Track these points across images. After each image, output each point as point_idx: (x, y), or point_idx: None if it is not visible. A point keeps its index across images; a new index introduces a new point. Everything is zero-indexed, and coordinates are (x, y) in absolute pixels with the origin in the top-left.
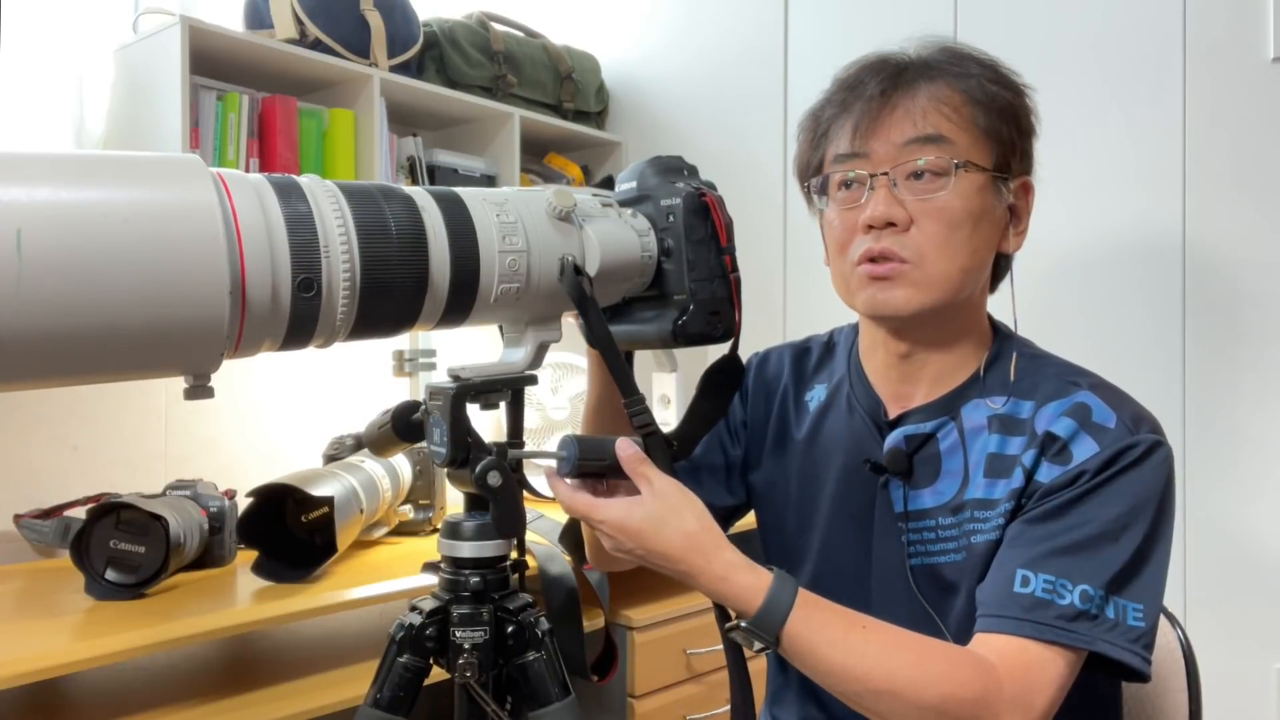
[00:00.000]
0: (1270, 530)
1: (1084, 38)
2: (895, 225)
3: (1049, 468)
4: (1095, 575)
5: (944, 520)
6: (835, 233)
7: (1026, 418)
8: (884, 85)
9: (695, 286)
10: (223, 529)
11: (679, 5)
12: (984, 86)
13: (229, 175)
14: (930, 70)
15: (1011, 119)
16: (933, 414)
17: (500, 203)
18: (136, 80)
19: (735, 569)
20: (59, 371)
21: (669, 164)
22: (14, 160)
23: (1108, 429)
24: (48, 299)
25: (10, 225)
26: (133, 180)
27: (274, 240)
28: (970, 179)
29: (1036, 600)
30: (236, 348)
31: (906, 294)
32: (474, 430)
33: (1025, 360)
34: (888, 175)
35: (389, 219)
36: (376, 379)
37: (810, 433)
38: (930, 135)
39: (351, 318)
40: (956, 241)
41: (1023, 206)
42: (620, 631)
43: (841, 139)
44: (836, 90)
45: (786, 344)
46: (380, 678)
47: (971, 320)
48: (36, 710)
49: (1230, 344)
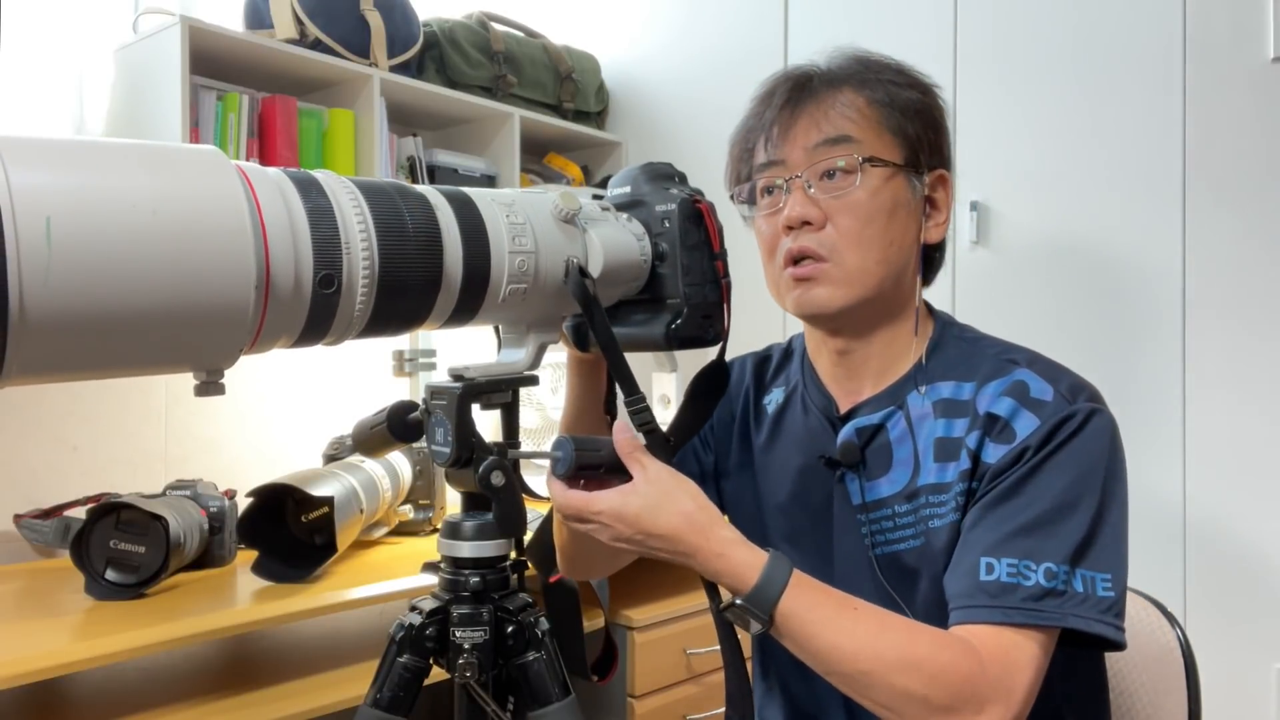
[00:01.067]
0: (1270, 530)
1: (1084, 38)
2: (811, 224)
3: (994, 447)
4: (1056, 551)
5: (900, 508)
6: (764, 238)
7: (968, 399)
8: (789, 94)
9: (689, 291)
10: (223, 529)
11: (679, 5)
12: (888, 89)
13: (250, 169)
14: (834, 78)
15: (917, 116)
16: (880, 405)
17: (509, 204)
18: (136, 80)
19: (732, 545)
20: (82, 364)
21: (661, 170)
22: (41, 146)
23: (1045, 402)
24: (76, 288)
25: (39, 213)
26: (160, 170)
27: (297, 235)
28: (878, 174)
29: (1003, 585)
30: (254, 343)
31: (829, 291)
32: (477, 430)
33: (964, 344)
34: (801, 177)
35: (406, 216)
36: (376, 379)
37: (769, 436)
38: (835, 136)
39: (367, 314)
40: (870, 235)
41: (941, 198)
42: (620, 631)
43: (760, 149)
44: (753, 104)
45: (750, 353)
46: (380, 678)
47: (903, 311)
48: (36, 710)
49: (1230, 344)
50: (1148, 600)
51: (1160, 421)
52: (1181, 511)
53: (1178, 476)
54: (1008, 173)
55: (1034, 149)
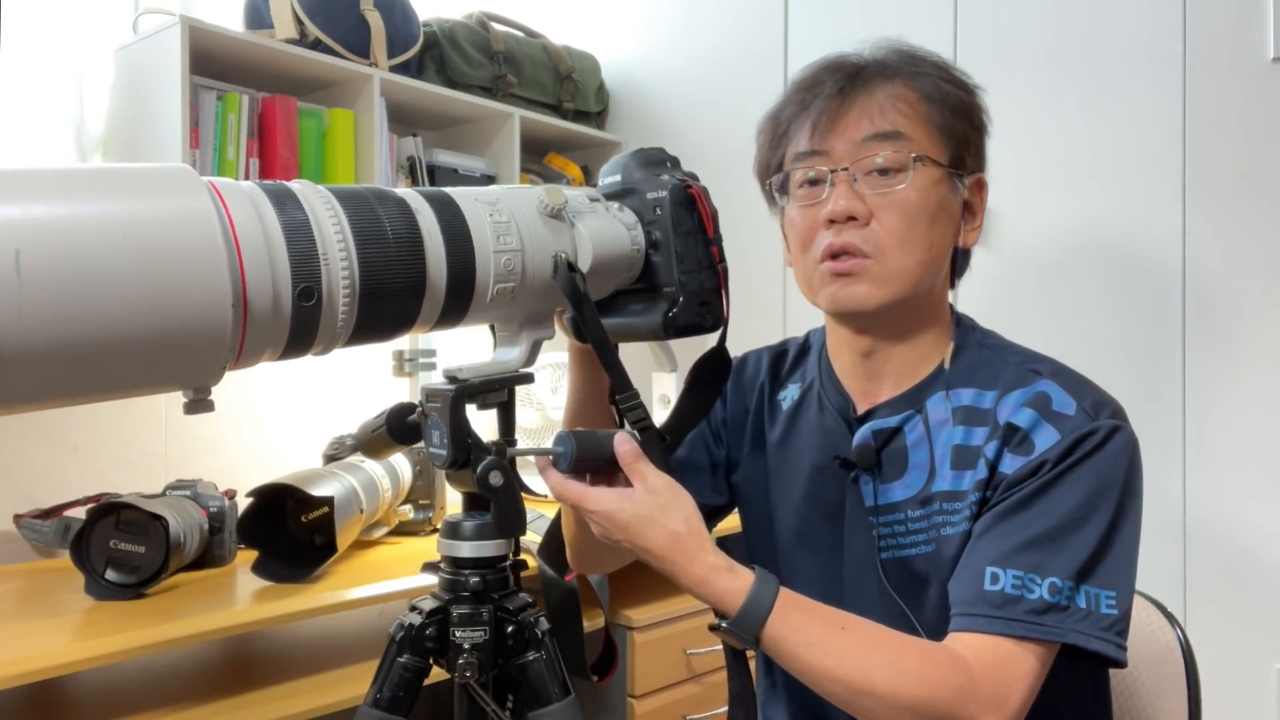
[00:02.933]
0: (1270, 530)
1: (1084, 38)
2: (856, 219)
3: (1012, 459)
4: (1063, 566)
5: (913, 513)
6: (797, 230)
7: (989, 408)
8: (841, 84)
9: (684, 278)
10: (223, 529)
11: (679, 5)
12: (939, 85)
13: (223, 185)
14: (886, 70)
15: (965, 116)
16: (899, 408)
17: (492, 202)
18: (136, 80)
19: (716, 572)
20: (62, 392)
21: (652, 156)
22: (5, 177)
23: (1068, 416)
24: (50, 318)
25: (8, 246)
26: (128, 193)
27: (273, 249)
28: (927, 173)
29: (1006, 597)
30: (238, 360)
31: (868, 289)
32: (473, 431)
33: (988, 351)
34: (847, 171)
35: (385, 223)
36: (376, 379)
37: (783, 433)
38: (888, 131)
39: (351, 324)
40: (915, 235)
41: (977, 203)
42: (620, 631)
43: (801, 137)
44: (795, 91)
45: (765, 347)
46: (380, 678)
47: (933, 314)
48: (36, 710)
49: (1230, 344)
50: (1148, 600)
51: (1160, 422)
52: (1181, 512)
53: (1178, 476)
54: (1006, 173)
55: (1033, 149)
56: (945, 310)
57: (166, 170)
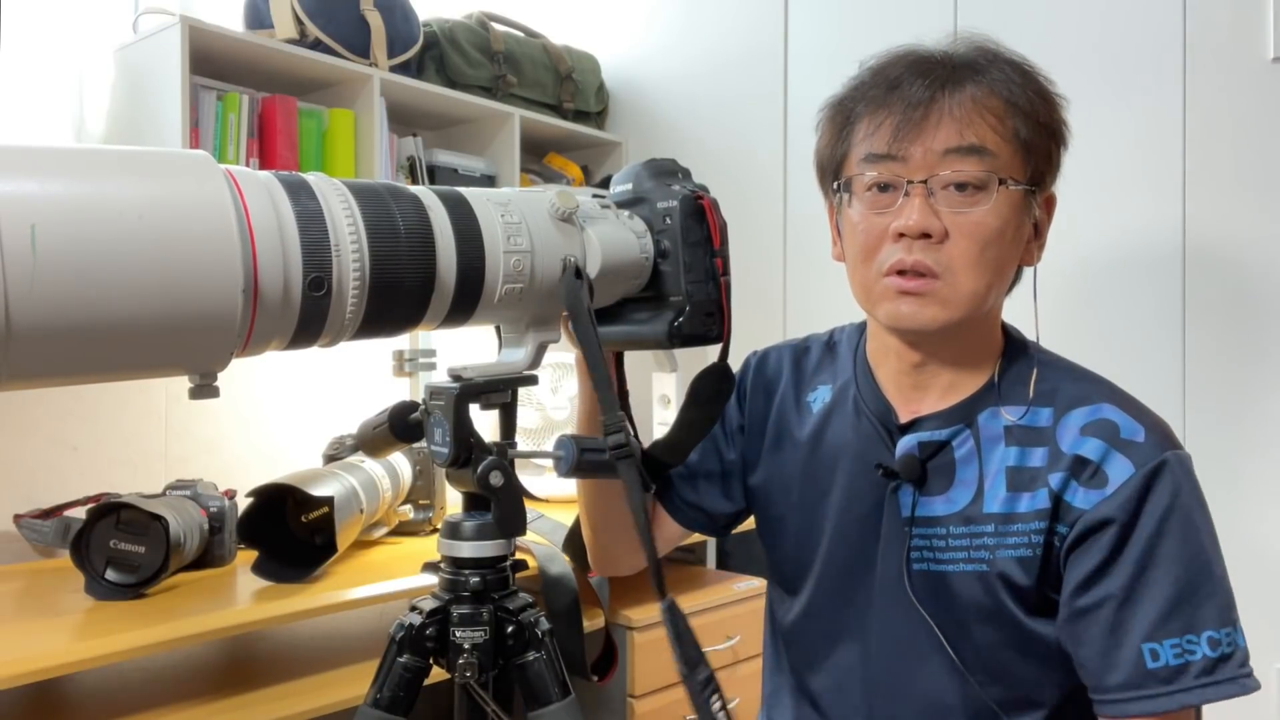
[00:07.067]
0: (1270, 531)
1: (1084, 38)
2: (930, 237)
3: (1086, 493)
4: (1212, 617)
5: (955, 529)
6: (861, 236)
7: (1046, 426)
8: (930, 88)
9: (692, 288)
10: (223, 529)
11: (679, 5)
12: (1026, 94)
13: (239, 172)
14: (974, 73)
15: (1050, 132)
16: (948, 421)
17: (504, 203)
18: (136, 80)
19: None
20: (70, 370)
21: (664, 166)
22: (25, 154)
23: (1138, 444)
24: (62, 294)
25: (24, 220)
26: (145, 175)
27: (285, 238)
28: (1009, 196)
29: (1173, 670)
30: (245, 346)
31: (934, 312)
32: (475, 430)
33: (1042, 368)
34: (925, 184)
35: (397, 218)
36: (377, 379)
37: (814, 434)
38: (974, 146)
39: (359, 317)
40: (987, 259)
41: (1045, 220)
42: (620, 631)
43: (878, 138)
44: (873, 84)
45: (785, 343)
46: (380, 678)
47: (988, 331)
48: (36, 710)
49: (1230, 345)
50: None
51: None
52: None
53: None
54: None
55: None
56: (998, 324)
57: (184, 155)
